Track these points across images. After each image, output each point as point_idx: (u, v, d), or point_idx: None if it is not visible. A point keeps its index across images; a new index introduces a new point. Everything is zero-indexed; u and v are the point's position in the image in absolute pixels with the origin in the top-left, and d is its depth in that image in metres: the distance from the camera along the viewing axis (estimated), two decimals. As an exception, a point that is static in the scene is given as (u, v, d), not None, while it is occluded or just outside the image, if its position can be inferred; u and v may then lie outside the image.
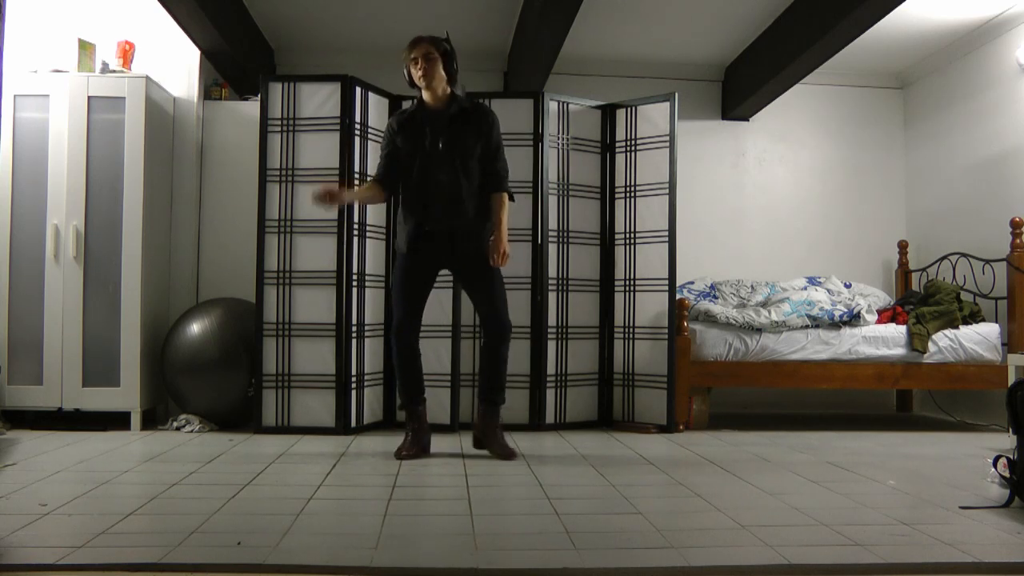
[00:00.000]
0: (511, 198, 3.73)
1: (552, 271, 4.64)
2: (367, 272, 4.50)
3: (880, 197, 6.09)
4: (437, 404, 4.44)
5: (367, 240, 4.50)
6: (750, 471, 3.38)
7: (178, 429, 4.35)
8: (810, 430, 4.71)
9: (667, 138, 4.64)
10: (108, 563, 2.03)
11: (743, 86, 5.67)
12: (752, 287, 5.39)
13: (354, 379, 4.38)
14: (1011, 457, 2.77)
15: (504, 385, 3.72)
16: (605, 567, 2.06)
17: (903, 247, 5.91)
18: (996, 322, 4.95)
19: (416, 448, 3.64)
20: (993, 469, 2.95)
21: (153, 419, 4.63)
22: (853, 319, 4.81)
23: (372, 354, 4.53)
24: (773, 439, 4.33)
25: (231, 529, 2.38)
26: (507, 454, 3.61)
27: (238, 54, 4.91)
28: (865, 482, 3.18)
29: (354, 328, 4.38)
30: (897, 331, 4.82)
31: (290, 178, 4.39)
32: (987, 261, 5.07)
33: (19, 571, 2.00)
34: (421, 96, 3.69)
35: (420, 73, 3.58)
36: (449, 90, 3.67)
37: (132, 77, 4.45)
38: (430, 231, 3.64)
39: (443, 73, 3.63)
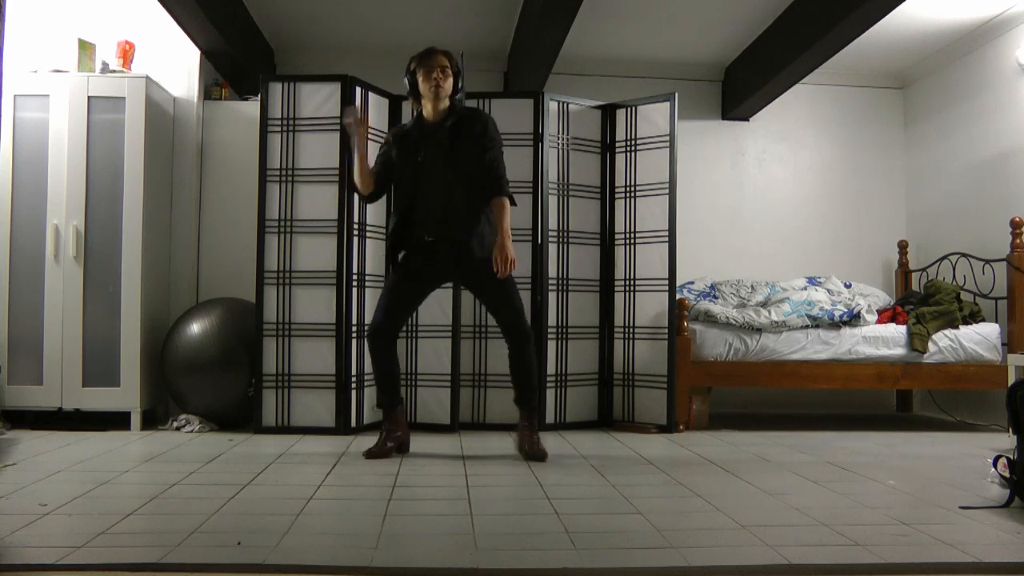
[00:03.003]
0: (512, 202, 3.61)
1: (552, 271, 4.64)
2: (367, 272, 4.50)
3: (880, 197, 6.09)
4: (437, 404, 4.44)
5: (367, 240, 4.50)
6: (750, 471, 3.38)
7: (178, 429, 4.35)
8: (810, 430, 4.71)
9: (667, 138, 4.64)
10: (108, 563, 2.03)
11: (743, 86, 5.68)
12: (752, 287, 5.40)
13: (354, 379, 4.38)
14: (1011, 457, 2.77)
15: (535, 386, 3.70)
16: (605, 567, 2.06)
17: (903, 247, 5.91)
18: (996, 322, 4.95)
19: (386, 448, 3.61)
20: (993, 469, 2.95)
21: (153, 419, 4.62)
22: (853, 319, 4.81)
23: (372, 354, 4.52)
24: (773, 439, 4.33)
25: (231, 529, 2.37)
26: (536, 454, 3.57)
27: (238, 54, 4.91)
28: (865, 482, 3.17)
29: (354, 328, 4.38)
30: (897, 331, 4.82)
31: (290, 178, 4.39)
32: (987, 261, 5.07)
33: (19, 571, 2.00)
34: (420, 110, 3.63)
35: (433, 84, 3.52)
36: (447, 104, 3.61)
37: (132, 77, 4.45)
38: (432, 243, 3.60)
39: (451, 88, 3.58)
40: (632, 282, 4.73)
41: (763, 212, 6.01)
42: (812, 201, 6.05)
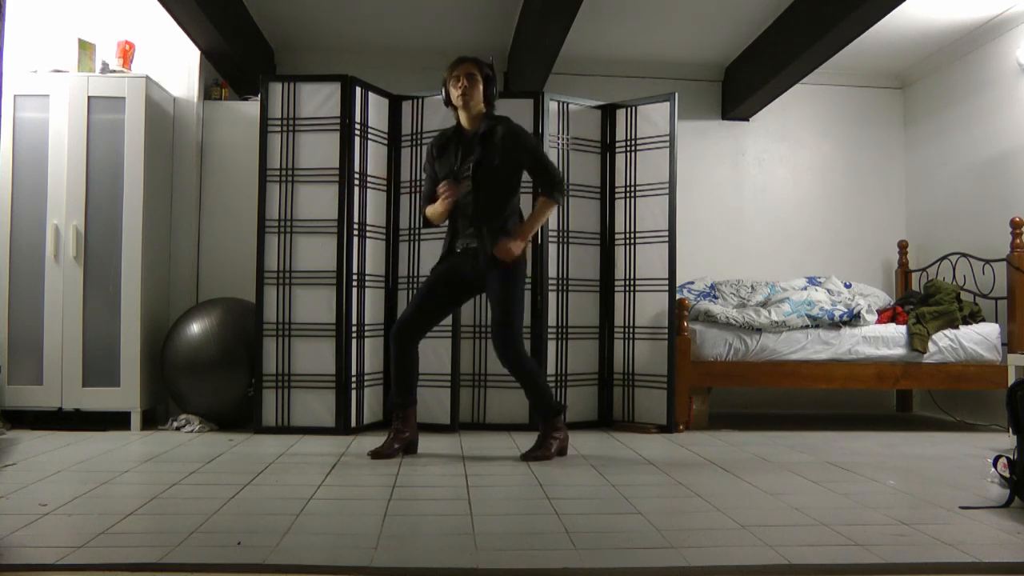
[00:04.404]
0: (555, 201, 3.61)
1: (552, 271, 4.64)
2: (367, 272, 4.50)
3: (880, 197, 6.09)
4: (437, 404, 4.44)
5: (367, 240, 4.50)
6: (750, 471, 3.38)
7: (178, 429, 4.35)
8: (810, 430, 4.71)
9: (667, 138, 4.63)
10: (108, 563, 2.03)
11: (743, 86, 5.68)
12: (752, 287, 5.40)
13: (354, 379, 4.38)
14: (1011, 457, 2.77)
15: (536, 398, 3.65)
16: (605, 567, 2.06)
17: (903, 247, 5.91)
18: (996, 322, 4.95)
19: (393, 449, 3.59)
20: (993, 469, 2.95)
21: (153, 419, 4.62)
22: (853, 319, 4.81)
23: (372, 354, 4.52)
24: (773, 439, 4.33)
25: (231, 529, 2.37)
26: (530, 456, 3.58)
27: (238, 54, 4.91)
28: (865, 482, 3.17)
29: (354, 328, 4.38)
30: (897, 331, 4.82)
31: (290, 178, 4.39)
32: (987, 261, 5.07)
33: (19, 571, 2.00)
34: (458, 118, 3.66)
35: (459, 92, 3.54)
36: (484, 110, 3.63)
37: (132, 77, 4.45)
38: (460, 252, 3.64)
39: (481, 95, 3.59)
40: (632, 282, 4.73)
41: (763, 212, 6.01)
42: (812, 201, 6.05)
